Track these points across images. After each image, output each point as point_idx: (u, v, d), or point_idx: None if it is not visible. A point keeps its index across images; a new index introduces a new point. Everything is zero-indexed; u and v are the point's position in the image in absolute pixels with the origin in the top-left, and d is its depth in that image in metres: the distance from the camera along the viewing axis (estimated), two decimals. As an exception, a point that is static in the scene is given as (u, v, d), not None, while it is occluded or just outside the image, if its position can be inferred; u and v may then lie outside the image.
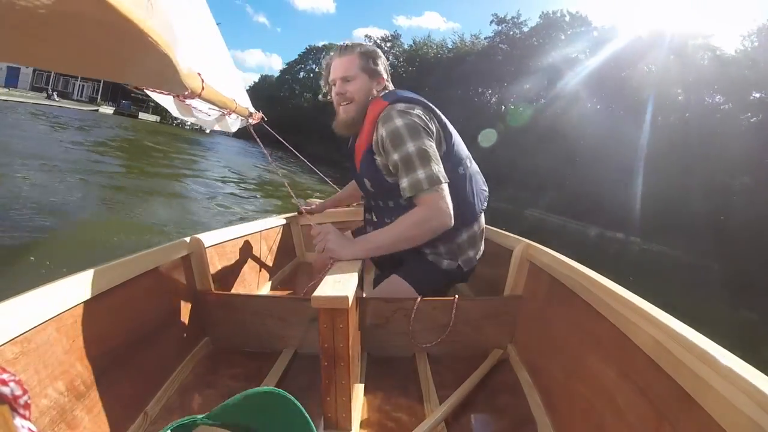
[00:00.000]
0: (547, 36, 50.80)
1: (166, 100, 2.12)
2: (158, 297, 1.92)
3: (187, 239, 2.23)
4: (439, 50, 67.58)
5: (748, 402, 0.81)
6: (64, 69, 0.81)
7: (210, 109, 2.29)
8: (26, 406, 0.55)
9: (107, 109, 56.34)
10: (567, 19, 51.04)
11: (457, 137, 2.29)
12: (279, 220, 3.61)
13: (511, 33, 55.65)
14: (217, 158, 28.52)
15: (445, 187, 2.02)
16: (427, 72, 57.53)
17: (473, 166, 2.37)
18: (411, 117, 2.06)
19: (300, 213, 3.56)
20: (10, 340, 1.12)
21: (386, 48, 77.22)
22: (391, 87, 2.37)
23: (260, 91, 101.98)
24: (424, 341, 2.20)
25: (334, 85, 2.30)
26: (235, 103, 2.40)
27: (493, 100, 53.28)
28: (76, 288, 1.41)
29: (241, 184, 17.16)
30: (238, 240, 2.80)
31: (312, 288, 1.99)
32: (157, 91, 1.85)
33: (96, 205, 9.09)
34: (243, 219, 12.22)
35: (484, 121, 45.59)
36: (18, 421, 0.53)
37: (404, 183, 2.04)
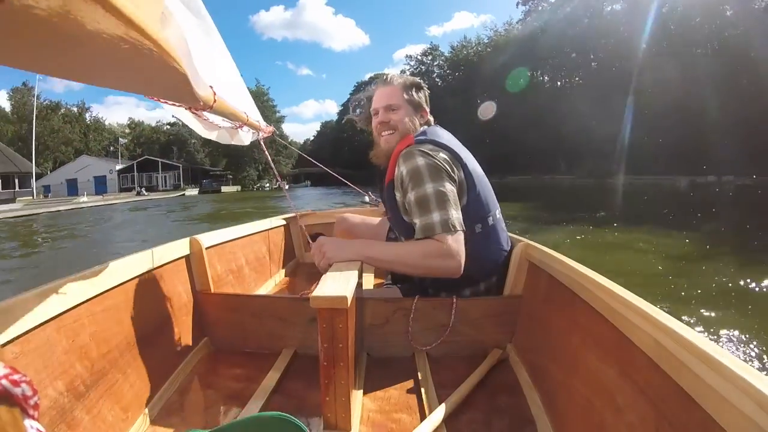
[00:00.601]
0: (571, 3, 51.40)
1: (184, 116, 2.16)
2: (158, 297, 1.94)
3: (187, 240, 2.26)
4: (477, 48, 68.73)
5: (747, 402, 0.80)
6: (79, 78, 0.85)
7: (222, 121, 2.34)
8: (35, 406, 0.55)
9: (192, 191, 60.36)
10: None
11: (484, 188, 2.17)
12: (278, 221, 3.64)
13: (540, 8, 56.75)
14: (299, 202, 31.49)
15: (461, 235, 1.94)
16: (472, 71, 59.77)
17: (496, 222, 2.22)
18: (434, 158, 1.99)
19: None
20: (11, 340, 1.14)
21: (428, 61, 79.53)
22: (431, 119, 2.34)
23: (325, 136, 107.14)
24: (424, 341, 2.19)
25: (376, 114, 2.29)
26: (246, 117, 2.43)
27: (546, 78, 54.87)
28: (75, 288, 1.44)
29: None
30: (237, 241, 2.84)
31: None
32: (171, 102, 1.87)
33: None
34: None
35: (541, 102, 46.84)
36: (27, 422, 0.54)
37: (417, 223, 1.97)
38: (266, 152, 3.34)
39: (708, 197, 24.55)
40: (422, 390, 1.89)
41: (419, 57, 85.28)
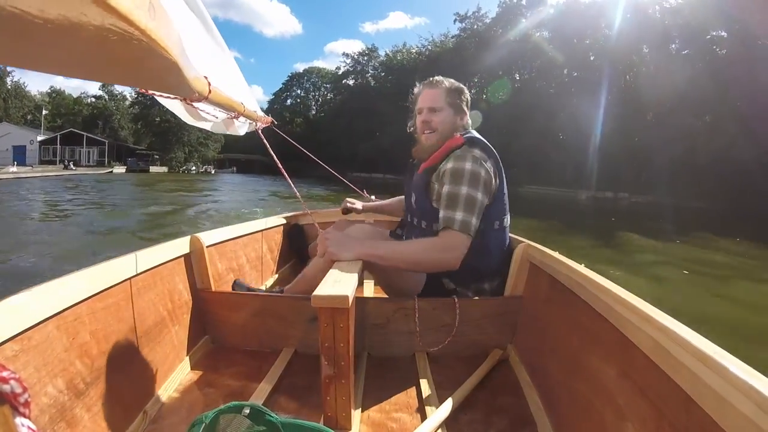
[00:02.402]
0: (508, 22, 53.87)
1: (173, 105, 2.12)
2: (159, 295, 1.92)
3: (188, 238, 2.25)
4: (412, 55, 71.46)
5: (746, 402, 0.80)
6: (65, 73, 0.82)
7: (218, 111, 2.29)
8: (26, 404, 0.55)
9: (120, 169, 60.00)
10: (524, 2, 54.14)
11: (506, 191, 2.37)
12: (279, 220, 3.63)
13: (475, 27, 59.31)
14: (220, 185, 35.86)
15: (468, 239, 2.11)
16: (405, 78, 60.18)
17: (509, 223, 2.43)
18: (480, 168, 2.19)
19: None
20: (10, 338, 1.13)
21: (364, 61, 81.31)
22: (469, 121, 2.49)
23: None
24: (426, 341, 2.22)
25: (420, 113, 2.45)
26: (243, 107, 2.41)
27: (473, 91, 55.65)
28: (76, 286, 1.43)
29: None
30: (238, 239, 2.84)
31: (302, 280, 2.29)
32: (164, 95, 1.83)
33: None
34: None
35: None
36: (18, 420, 0.53)
37: (441, 214, 2.16)
38: (266, 143, 3.36)
39: (602, 209, 27.26)
40: (423, 390, 1.91)
41: (356, 56, 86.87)
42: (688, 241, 14.80)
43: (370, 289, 2.70)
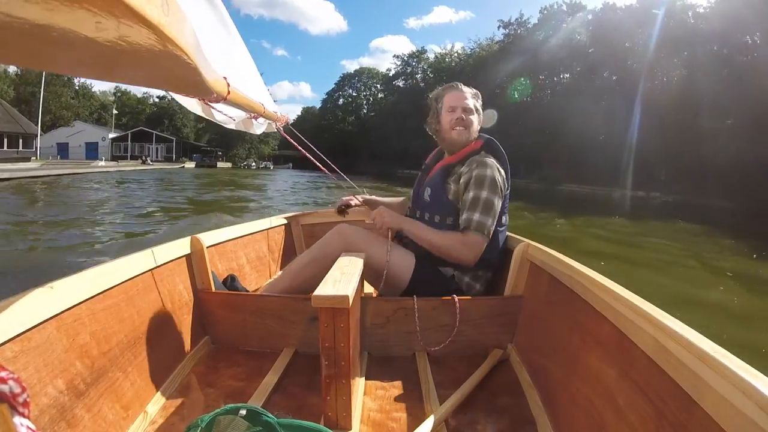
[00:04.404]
0: (550, 27, 55.69)
1: (191, 103, 2.12)
2: (159, 296, 1.93)
3: (188, 239, 2.27)
4: (460, 57, 74.11)
5: (747, 402, 0.80)
6: (79, 73, 0.87)
7: (237, 111, 2.31)
8: (25, 404, 0.54)
9: (190, 164, 64.27)
10: (564, 8, 55.92)
11: (509, 195, 2.53)
12: (279, 220, 3.68)
13: (518, 32, 61.05)
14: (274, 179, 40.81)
15: (485, 239, 2.31)
16: (452, 79, 63.09)
17: (506, 220, 2.59)
18: (499, 175, 2.38)
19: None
20: (11, 339, 1.13)
21: (414, 63, 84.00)
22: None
23: (306, 122, 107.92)
24: (426, 341, 2.23)
25: (452, 111, 2.56)
26: (263, 107, 2.39)
27: (515, 94, 56.42)
28: (76, 287, 1.44)
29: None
30: (238, 240, 2.88)
31: (286, 275, 2.46)
32: (182, 94, 1.83)
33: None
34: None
35: (508, 114, 49.77)
36: (17, 420, 0.53)
37: (463, 216, 2.34)
38: (291, 141, 3.26)
39: (636, 206, 27.55)
40: (423, 390, 1.92)
41: (405, 58, 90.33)
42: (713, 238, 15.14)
43: (370, 289, 2.65)
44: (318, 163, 3.31)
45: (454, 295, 2.26)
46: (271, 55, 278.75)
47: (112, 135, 70.73)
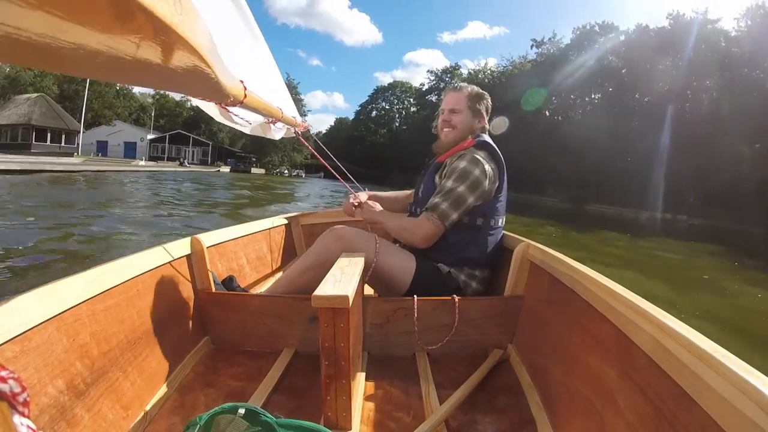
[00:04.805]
0: (582, 48, 56.29)
1: (207, 106, 2.14)
2: (158, 296, 1.93)
3: (188, 239, 2.27)
4: (494, 74, 74.24)
5: (747, 402, 0.81)
6: (92, 75, 0.83)
7: (254, 115, 2.30)
8: (25, 403, 0.55)
9: (225, 169, 65.69)
10: (597, 29, 56.33)
11: (506, 195, 2.59)
12: (279, 220, 3.69)
13: (551, 52, 61.72)
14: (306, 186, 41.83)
15: (438, 224, 2.38)
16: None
17: (503, 224, 2.63)
18: (475, 167, 2.39)
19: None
20: (11, 339, 1.13)
21: (447, 79, 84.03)
22: (487, 126, 2.72)
23: (339, 132, 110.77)
24: (426, 341, 2.23)
25: (443, 113, 2.67)
26: (281, 112, 2.40)
27: (546, 113, 58.40)
28: (76, 287, 1.44)
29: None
30: (238, 240, 2.88)
31: (283, 279, 2.49)
32: (197, 97, 1.78)
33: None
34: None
35: (538, 132, 51.32)
36: (17, 419, 0.54)
37: (431, 199, 2.43)
38: (309, 147, 3.49)
39: (663, 228, 27.82)
40: (423, 390, 1.92)
41: (439, 73, 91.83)
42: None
43: (370, 289, 2.62)
44: (329, 167, 3.42)
45: (454, 295, 2.27)
46: (306, 65, 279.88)
47: (150, 136, 72.32)
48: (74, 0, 0.50)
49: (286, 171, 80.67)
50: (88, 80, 54.95)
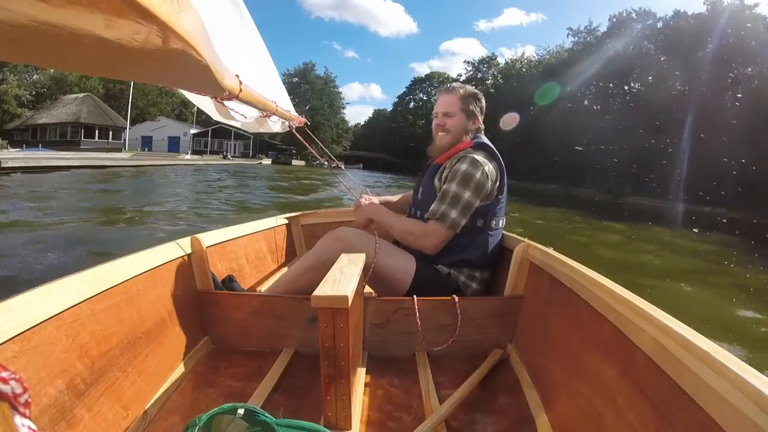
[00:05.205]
0: (619, 35, 54.80)
1: (202, 101, 2.16)
2: (158, 296, 1.94)
3: (188, 239, 2.27)
4: (531, 63, 73.84)
5: (747, 402, 0.81)
6: (88, 71, 0.84)
7: (250, 110, 2.28)
8: (26, 404, 0.54)
9: (267, 161, 67.49)
10: (634, 15, 54.98)
11: (506, 196, 2.57)
12: (280, 220, 3.67)
13: (588, 40, 60.76)
14: (358, 175, 41.06)
15: (448, 232, 2.37)
16: (522, 86, 63.72)
17: (503, 224, 2.61)
18: (477, 170, 2.36)
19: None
20: (10, 339, 1.14)
21: (484, 69, 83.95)
22: (482, 126, 2.68)
23: (378, 124, 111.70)
24: (426, 341, 2.22)
25: (436, 116, 2.64)
26: (275, 106, 2.40)
27: (585, 102, 58.21)
28: (76, 287, 1.45)
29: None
30: (238, 240, 2.88)
31: (283, 280, 2.48)
32: (194, 92, 1.85)
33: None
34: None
35: (579, 122, 50.61)
36: (18, 420, 0.53)
37: (431, 206, 2.41)
38: (304, 142, 3.39)
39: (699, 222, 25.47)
40: (423, 390, 1.92)
41: (476, 64, 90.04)
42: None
43: (370, 289, 2.58)
44: (334, 158, 3.46)
45: (454, 296, 2.26)
46: (342, 57, 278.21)
47: (193, 131, 74.03)
48: (78, 4, 0.51)
49: (326, 163, 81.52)
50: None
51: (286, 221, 3.79)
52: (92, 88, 65.07)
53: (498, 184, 2.48)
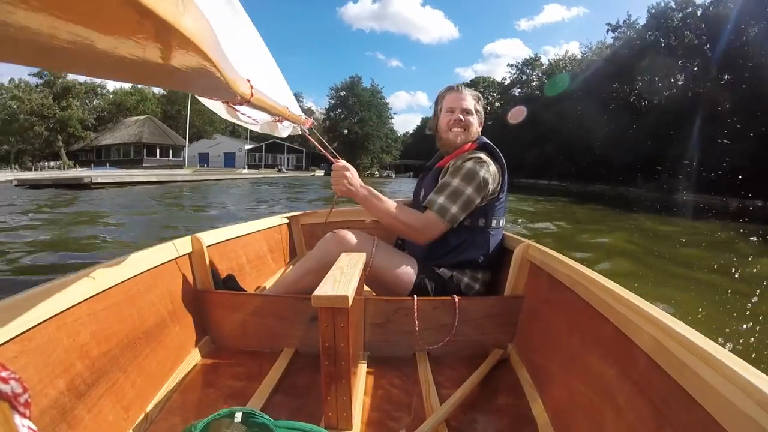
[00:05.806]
0: (659, 27, 54.03)
1: (214, 104, 2.14)
2: (159, 296, 1.94)
3: (188, 238, 2.27)
4: (574, 62, 72.73)
5: (748, 401, 0.80)
6: (97, 74, 0.82)
7: (260, 114, 2.29)
8: (26, 404, 0.55)
9: (319, 172, 68.40)
10: (673, 4, 53.32)
11: (506, 196, 2.54)
12: (280, 220, 3.65)
13: (628, 34, 59.39)
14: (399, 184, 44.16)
15: (446, 226, 2.30)
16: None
17: (504, 223, 2.58)
18: (481, 168, 2.31)
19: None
20: (11, 339, 1.13)
21: (528, 71, 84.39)
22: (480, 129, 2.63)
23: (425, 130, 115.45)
24: (426, 341, 2.20)
25: (451, 112, 2.55)
26: (287, 110, 2.38)
27: (632, 99, 57.02)
28: (76, 287, 1.44)
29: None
30: (238, 239, 2.87)
31: (282, 282, 2.45)
32: (206, 97, 1.83)
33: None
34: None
35: (624, 120, 50.35)
36: (18, 420, 0.53)
37: (430, 195, 2.34)
38: (316, 144, 3.22)
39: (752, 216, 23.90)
40: (423, 390, 1.91)
41: (520, 66, 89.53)
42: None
43: (370, 289, 2.55)
44: (339, 158, 2.95)
45: (454, 295, 2.24)
46: (386, 67, 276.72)
47: (247, 146, 76.64)
48: (77, 1, 0.50)
49: (377, 172, 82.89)
50: (189, 101, 60.26)
51: (287, 221, 3.81)
52: (150, 111, 69.51)
53: (500, 183, 2.47)
